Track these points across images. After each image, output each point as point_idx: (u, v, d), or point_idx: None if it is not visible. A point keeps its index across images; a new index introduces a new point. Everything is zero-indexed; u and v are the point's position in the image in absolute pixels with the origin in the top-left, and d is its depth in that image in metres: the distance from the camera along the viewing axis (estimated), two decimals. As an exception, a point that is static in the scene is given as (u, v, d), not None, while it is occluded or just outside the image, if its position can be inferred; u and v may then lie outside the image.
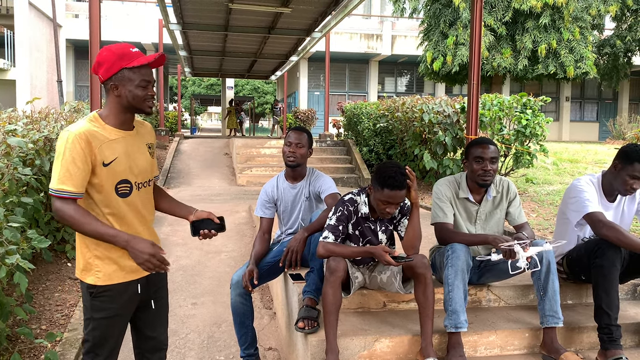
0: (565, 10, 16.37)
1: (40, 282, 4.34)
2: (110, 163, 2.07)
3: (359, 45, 22.91)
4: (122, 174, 2.11)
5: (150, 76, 2.13)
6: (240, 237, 6.24)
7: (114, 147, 2.09)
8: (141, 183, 2.20)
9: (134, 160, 2.16)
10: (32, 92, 17.39)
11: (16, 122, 4.35)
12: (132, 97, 2.09)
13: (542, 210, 6.97)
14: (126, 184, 2.12)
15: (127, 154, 2.13)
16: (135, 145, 2.19)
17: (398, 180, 2.71)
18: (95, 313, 2.13)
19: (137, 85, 2.08)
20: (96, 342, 2.17)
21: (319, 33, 10.69)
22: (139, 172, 2.18)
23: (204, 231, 2.30)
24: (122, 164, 2.10)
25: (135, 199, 2.17)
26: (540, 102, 8.16)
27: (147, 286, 2.26)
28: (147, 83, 2.11)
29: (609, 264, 2.96)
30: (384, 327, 3.00)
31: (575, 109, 25.37)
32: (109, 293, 2.13)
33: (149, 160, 2.26)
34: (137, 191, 2.18)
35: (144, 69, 2.11)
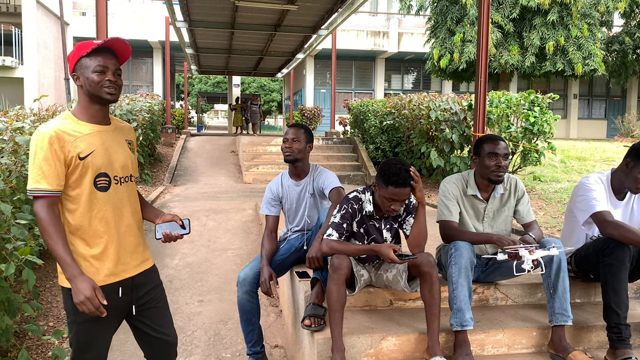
0: (573, 7, 16.25)
1: (47, 279, 4.36)
2: (86, 156, 2.07)
3: (365, 43, 22.85)
4: (100, 167, 2.10)
5: (107, 62, 2.10)
6: (246, 235, 6.25)
7: (89, 140, 2.09)
8: (122, 177, 2.19)
9: (113, 154, 2.16)
10: (39, 90, 17.48)
11: (24, 120, 4.37)
12: (89, 84, 2.08)
13: (549, 208, 6.93)
14: (105, 177, 2.12)
15: (105, 147, 2.13)
16: (113, 140, 2.19)
17: (402, 178, 2.70)
18: (77, 317, 2.10)
19: (93, 71, 2.08)
20: (80, 346, 2.15)
21: (326, 30, 10.67)
22: (118, 167, 2.17)
23: (166, 232, 2.32)
24: (99, 156, 2.10)
25: (115, 194, 2.15)
26: (548, 99, 8.10)
27: (132, 289, 2.22)
28: (104, 68, 2.09)
29: (618, 263, 2.94)
30: (390, 325, 2.99)
31: (583, 107, 25.20)
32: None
33: (130, 156, 2.25)
34: (118, 185, 2.17)
35: (100, 56, 2.09)
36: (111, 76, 2.10)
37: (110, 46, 2.13)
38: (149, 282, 2.30)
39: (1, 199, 2.89)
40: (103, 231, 2.12)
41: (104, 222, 2.12)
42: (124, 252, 2.18)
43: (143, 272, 2.27)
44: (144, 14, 21.74)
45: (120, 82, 2.15)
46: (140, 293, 2.25)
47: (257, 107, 21.62)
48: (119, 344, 3.58)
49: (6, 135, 3.62)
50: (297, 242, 3.46)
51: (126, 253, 2.19)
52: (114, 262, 2.14)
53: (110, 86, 2.10)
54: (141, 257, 2.27)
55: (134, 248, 2.23)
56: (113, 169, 2.15)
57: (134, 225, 2.25)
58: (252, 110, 21.48)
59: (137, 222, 2.28)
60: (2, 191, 3.01)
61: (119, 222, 2.17)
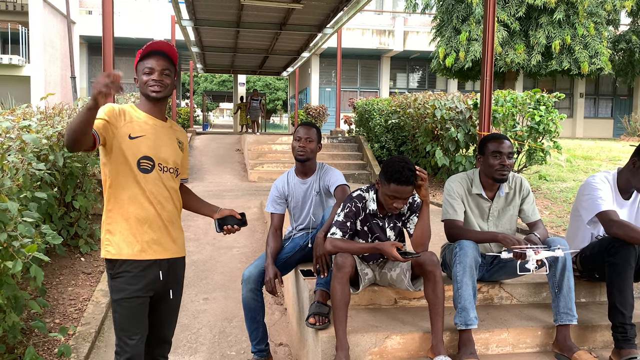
0: (579, 6, 16.17)
1: (53, 276, 4.39)
2: (136, 138, 2.29)
3: (370, 41, 22.81)
4: (146, 151, 2.31)
5: (154, 64, 2.32)
6: (251, 233, 6.26)
7: (142, 126, 2.33)
8: (165, 167, 2.37)
9: (161, 145, 2.36)
10: (46, 88, 17.56)
11: (30, 118, 4.39)
12: (140, 84, 2.35)
13: (555, 208, 6.91)
14: (149, 161, 2.31)
15: (156, 135, 2.35)
16: (165, 134, 2.40)
17: (405, 175, 2.70)
18: (114, 294, 2.29)
19: (142, 73, 2.33)
20: (119, 324, 2.29)
21: (331, 29, 10.66)
22: (165, 156, 2.37)
23: (228, 226, 2.52)
24: (147, 141, 2.31)
25: (158, 177, 2.33)
26: (554, 98, 8.07)
27: (168, 275, 2.38)
28: (150, 69, 2.32)
29: (623, 262, 2.93)
30: (394, 324, 2.99)
31: (590, 106, 25.07)
32: (125, 275, 2.26)
33: (177, 152, 2.45)
34: (160, 172, 2.35)
35: (148, 59, 2.33)
36: (156, 76, 2.32)
37: (157, 49, 2.34)
38: (180, 271, 2.48)
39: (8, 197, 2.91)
40: (147, 207, 2.30)
41: (147, 200, 2.30)
42: (163, 234, 2.34)
43: (178, 259, 2.44)
44: (149, 12, 21.78)
45: (167, 81, 2.35)
46: (173, 278, 2.42)
47: (257, 102, 20.65)
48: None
49: (13, 133, 3.64)
50: (301, 240, 3.46)
51: (164, 235, 2.35)
52: (153, 238, 2.31)
53: (154, 85, 2.32)
54: (178, 244, 2.44)
55: (173, 233, 2.39)
56: (159, 157, 2.35)
57: (174, 213, 2.41)
58: (252, 106, 20.53)
59: (178, 210, 2.45)
60: (10, 189, 3.03)
61: (161, 205, 2.34)
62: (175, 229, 2.42)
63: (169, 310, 2.45)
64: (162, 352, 2.50)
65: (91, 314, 3.84)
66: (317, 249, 3.02)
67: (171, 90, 2.39)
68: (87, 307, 3.95)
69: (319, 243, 3.03)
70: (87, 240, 5.03)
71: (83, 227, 5.03)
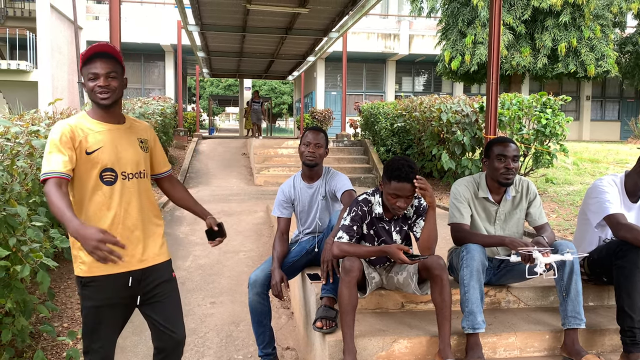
0: (585, 8, 16.13)
1: (61, 280, 4.41)
2: (93, 152, 2.21)
3: (376, 45, 22.84)
4: (107, 162, 2.23)
5: (98, 68, 2.20)
6: (258, 237, 6.27)
7: (98, 138, 2.23)
8: (130, 174, 2.29)
9: (120, 152, 2.27)
10: (53, 94, 17.67)
11: (39, 124, 4.42)
12: (87, 91, 2.25)
13: (562, 211, 6.89)
14: (111, 172, 2.24)
15: (113, 144, 2.25)
16: (123, 138, 2.30)
17: (404, 172, 2.71)
18: (84, 302, 2.26)
19: (88, 80, 2.23)
20: (87, 330, 2.27)
21: (336, 33, 10.69)
22: (126, 163, 2.28)
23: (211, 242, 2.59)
24: (106, 153, 2.23)
25: (122, 188, 2.26)
26: (560, 101, 8.05)
27: (142, 280, 2.32)
28: (94, 76, 2.21)
29: (631, 266, 2.91)
30: (402, 327, 2.99)
31: (596, 108, 24.97)
32: (95, 283, 2.23)
33: (139, 153, 2.35)
34: (125, 181, 2.27)
35: (91, 64, 2.21)
36: (102, 81, 2.21)
37: (99, 51, 2.22)
38: (159, 276, 2.38)
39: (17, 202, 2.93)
40: (109, 223, 2.22)
41: (110, 214, 2.24)
42: (130, 244, 2.25)
43: (154, 266, 2.36)
44: (156, 17, 21.91)
45: (114, 84, 2.23)
46: (148, 286, 2.34)
47: (259, 105, 19.48)
48: (132, 345, 3.61)
49: (22, 138, 3.67)
50: (308, 244, 3.47)
51: (132, 245, 2.27)
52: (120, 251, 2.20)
53: (101, 92, 2.21)
54: (150, 251, 2.35)
55: (142, 242, 2.32)
56: (120, 165, 2.26)
57: (143, 220, 2.33)
58: (253, 109, 19.35)
59: (147, 217, 2.36)
60: (18, 194, 3.05)
61: (125, 216, 2.27)
62: (147, 237, 2.34)
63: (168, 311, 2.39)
64: (178, 356, 2.47)
65: (99, 318, 3.85)
66: (325, 254, 3.03)
67: (121, 92, 2.29)
68: (94, 311, 3.96)
69: (326, 248, 3.03)
70: (95, 245, 5.05)
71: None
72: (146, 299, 2.35)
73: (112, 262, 1.91)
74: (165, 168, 2.55)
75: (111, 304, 2.26)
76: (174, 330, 2.41)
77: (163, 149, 2.60)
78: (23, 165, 3.32)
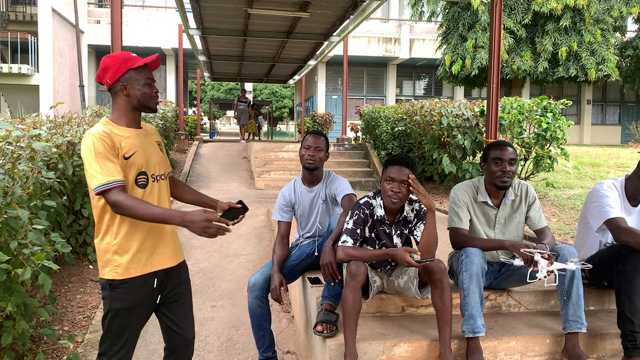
0: (586, 12, 16.15)
1: (62, 284, 4.41)
2: (130, 156, 2.26)
3: (376, 49, 22.87)
4: (140, 166, 2.30)
5: (152, 76, 2.34)
6: (258, 241, 6.27)
7: (130, 142, 2.28)
8: (157, 176, 2.38)
9: (149, 155, 2.35)
10: (55, 97, 17.70)
11: (40, 127, 4.44)
12: (141, 95, 2.29)
13: (562, 215, 6.88)
14: (144, 176, 2.31)
15: (143, 148, 2.33)
16: (147, 142, 2.38)
17: (399, 157, 2.81)
18: (113, 304, 2.27)
19: (144, 84, 2.29)
20: (114, 330, 2.29)
21: (337, 37, 10.71)
22: (154, 165, 2.37)
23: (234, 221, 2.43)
24: (139, 157, 2.29)
25: (152, 191, 2.34)
26: (560, 105, 8.06)
27: (166, 281, 2.39)
28: (152, 81, 2.33)
29: (632, 270, 2.91)
30: (402, 331, 2.99)
31: (597, 112, 24.97)
32: (126, 285, 2.26)
33: (161, 155, 2.45)
34: (154, 183, 2.35)
35: (145, 70, 2.31)
36: (156, 88, 2.36)
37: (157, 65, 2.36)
38: (178, 277, 2.46)
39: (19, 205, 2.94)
40: (142, 224, 2.26)
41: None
42: (161, 244, 2.35)
43: (176, 266, 2.44)
44: (157, 21, 21.97)
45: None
46: (169, 286, 2.41)
47: (245, 105, 18.11)
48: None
49: (23, 142, 3.68)
50: (308, 248, 3.47)
51: (162, 245, 2.35)
52: (150, 252, 2.30)
53: (156, 97, 2.36)
54: (175, 251, 2.44)
55: (169, 241, 2.40)
56: (150, 167, 2.34)
57: None
58: (239, 109, 17.98)
59: None
60: (20, 197, 3.06)
61: None
62: (171, 235, 2.43)
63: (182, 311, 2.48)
64: (189, 356, 2.54)
65: (99, 322, 3.85)
66: (324, 257, 3.02)
67: None
68: (95, 315, 3.97)
69: (325, 252, 3.03)
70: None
71: (91, 235, 5.06)
72: (166, 298, 2.42)
73: (222, 235, 2.10)
74: (170, 169, 2.61)
75: (138, 305, 2.31)
76: (185, 329, 2.49)
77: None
78: (24, 168, 3.33)
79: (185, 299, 2.50)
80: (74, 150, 4.73)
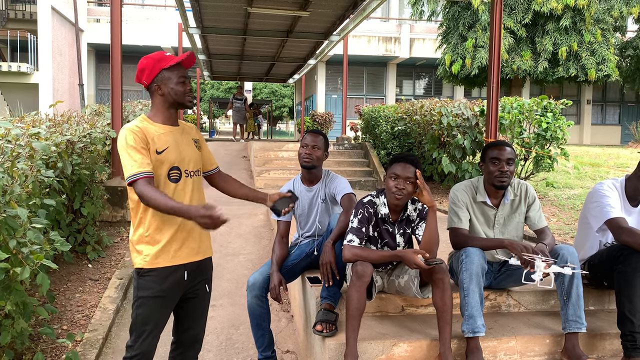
0: (586, 12, 16.15)
1: (61, 282, 4.41)
2: (162, 151, 2.37)
3: (376, 48, 22.87)
4: (173, 161, 2.39)
5: (185, 73, 2.43)
6: (258, 240, 6.27)
7: (164, 139, 2.39)
8: (191, 171, 2.47)
9: (183, 151, 2.45)
10: (54, 96, 17.68)
11: (40, 126, 4.43)
12: (175, 93, 2.39)
13: (562, 215, 6.88)
14: (176, 171, 2.41)
15: (177, 144, 2.43)
16: (182, 139, 2.48)
17: (404, 154, 2.82)
18: (141, 292, 2.38)
19: (177, 82, 2.39)
20: (139, 319, 2.37)
21: (337, 36, 10.70)
22: (188, 161, 2.45)
23: (285, 209, 2.65)
24: (172, 152, 2.39)
25: (184, 185, 2.43)
26: (560, 105, 8.05)
27: (195, 274, 2.47)
28: (185, 79, 2.41)
29: (632, 270, 2.91)
30: (402, 331, 2.98)
31: (597, 112, 24.98)
32: (154, 273, 2.36)
33: (196, 152, 2.53)
34: (187, 178, 2.44)
35: (179, 68, 2.40)
36: (189, 85, 2.44)
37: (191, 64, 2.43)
38: (206, 271, 2.56)
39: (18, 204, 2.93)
40: (173, 219, 2.35)
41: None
42: (190, 238, 2.43)
43: (205, 260, 2.53)
44: (157, 20, 21.95)
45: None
46: (196, 279, 2.49)
47: (241, 102, 17.11)
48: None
49: (23, 140, 3.67)
50: (307, 247, 3.46)
51: (192, 239, 2.44)
52: (180, 245, 2.39)
53: (190, 93, 2.44)
54: (204, 245, 2.53)
55: (199, 235, 2.47)
56: (184, 163, 2.43)
57: None
58: (235, 106, 17.06)
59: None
60: (19, 196, 3.05)
61: None
62: (200, 231, 2.47)
63: (198, 309, 2.55)
64: (195, 353, 2.60)
65: (98, 321, 3.85)
66: (323, 257, 3.02)
67: None
68: (94, 314, 3.96)
69: (325, 251, 3.03)
70: (95, 247, 5.05)
71: (91, 234, 5.05)
72: (187, 293, 2.48)
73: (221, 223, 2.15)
74: (214, 165, 2.71)
75: (165, 295, 2.38)
76: (195, 327, 2.55)
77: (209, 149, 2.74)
78: (23, 167, 3.32)
79: (203, 298, 2.56)
80: (73, 149, 4.72)
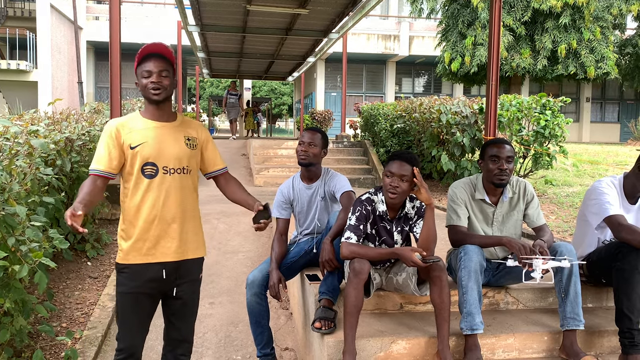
0: (585, 10, 16.14)
1: (60, 280, 4.41)
2: (137, 146, 2.37)
3: (376, 46, 22.84)
4: (148, 157, 2.38)
5: (152, 66, 2.37)
6: (257, 238, 6.27)
7: (143, 133, 2.40)
8: (172, 169, 2.43)
9: (164, 147, 2.42)
10: (53, 94, 17.66)
11: (38, 123, 4.42)
12: (142, 88, 2.40)
13: (561, 212, 6.89)
14: (152, 167, 2.39)
15: (157, 140, 2.40)
16: (169, 135, 2.45)
17: (401, 152, 2.83)
18: (118, 287, 2.44)
19: (141, 76, 2.39)
20: (119, 314, 2.42)
21: (336, 34, 10.69)
22: (168, 158, 2.42)
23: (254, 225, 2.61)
24: (148, 148, 2.38)
25: (161, 182, 2.40)
26: (559, 102, 8.05)
27: (178, 274, 2.47)
28: (148, 73, 2.37)
29: (631, 268, 2.92)
30: (400, 328, 2.99)
31: (596, 110, 24.97)
32: (128, 270, 2.41)
33: (184, 150, 2.48)
34: (165, 175, 2.41)
35: (145, 63, 2.38)
36: (155, 78, 2.37)
37: (153, 52, 2.38)
38: (190, 273, 2.53)
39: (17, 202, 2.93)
40: (147, 213, 2.38)
41: (147, 205, 2.39)
42: (166, 237, 2.42)
43: (187, 261, 2.50)
44: (156, 18, 21.90)
45: (166, 82, 2.40)
46: (182, 279, 2.49)
47: (236, 98, 16.91)
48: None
49: (21, 138, 3.67)
50: (306, 245, 3.47)
51: (168, 238, 2.42)
52: (154, 243, 2.39)
53: (154, 87, 2.37)
54: (190, 245, 2.50)
55: (179, 235, 2.44)
56: (161, 159, 2.41)
57: (182, 214, 2.46)
58: (229, 102, 16.83)
59: (188, 212, 2.48)
60: (18, 194, 3.05)
61: (163, 208, 2.40)
62: (185, 231, 2.47)
63: (184, 309, 2.54)
64: (183, 352, 2.61)
65: (98, 318, 3.85)
66: (323, 254, 3.02)
67: (171, 90, 2.44)
68: (93, 311, 3.97)
69: (325, 249, 3.03)
70: (94, 245, 5.05)
71: (90, 232, 5.05)
72: (171, 292, 2.49)
73: (75, 230, 2.08)
74: (218, 167, 2.67)
75: (139, 292, 2.40)
76: (180, 328, 2.56)
77: (216, 149, 2.70)
78: (22, 165, 3.32)
79: (189, 299, 2.55)
80: (72, 146, 4.71)
